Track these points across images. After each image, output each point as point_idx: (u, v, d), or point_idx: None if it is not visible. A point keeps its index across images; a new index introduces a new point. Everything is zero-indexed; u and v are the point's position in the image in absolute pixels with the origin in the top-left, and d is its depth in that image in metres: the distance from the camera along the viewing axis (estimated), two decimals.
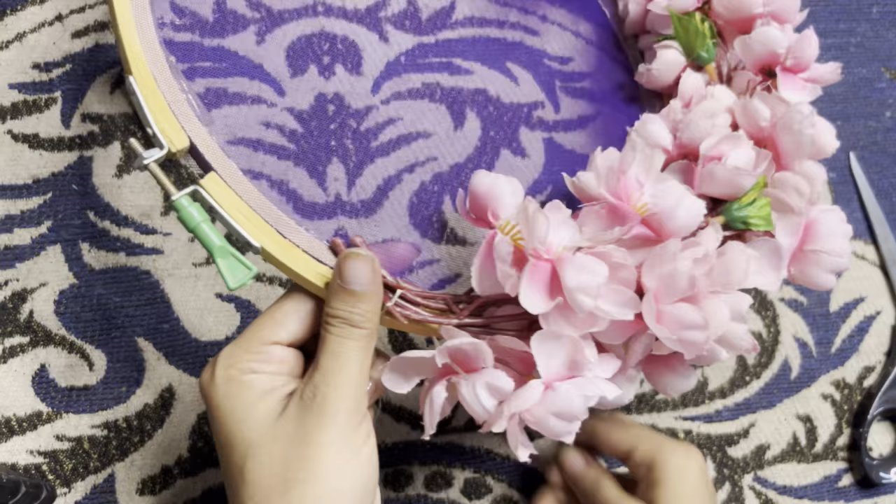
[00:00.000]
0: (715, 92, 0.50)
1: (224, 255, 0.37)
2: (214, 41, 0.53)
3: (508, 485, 0.54)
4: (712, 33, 0.52)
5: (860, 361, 0.60)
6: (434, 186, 0.54)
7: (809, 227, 0.47)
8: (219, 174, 0.36)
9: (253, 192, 0.36)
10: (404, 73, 0.55)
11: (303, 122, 0.53)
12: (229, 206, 0.35)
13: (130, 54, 0.36)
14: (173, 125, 0.36)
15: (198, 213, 0.36)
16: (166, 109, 0.36)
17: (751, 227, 0.46)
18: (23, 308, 0.50)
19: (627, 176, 0.42)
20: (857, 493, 0.59)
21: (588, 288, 0.37)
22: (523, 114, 0.56)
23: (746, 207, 0.46)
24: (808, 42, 0.50)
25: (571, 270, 0.37)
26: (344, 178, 0.54)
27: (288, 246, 0.37)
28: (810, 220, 0.47)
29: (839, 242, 0.46)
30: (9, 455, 0.48)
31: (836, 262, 0.46)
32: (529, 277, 0.38)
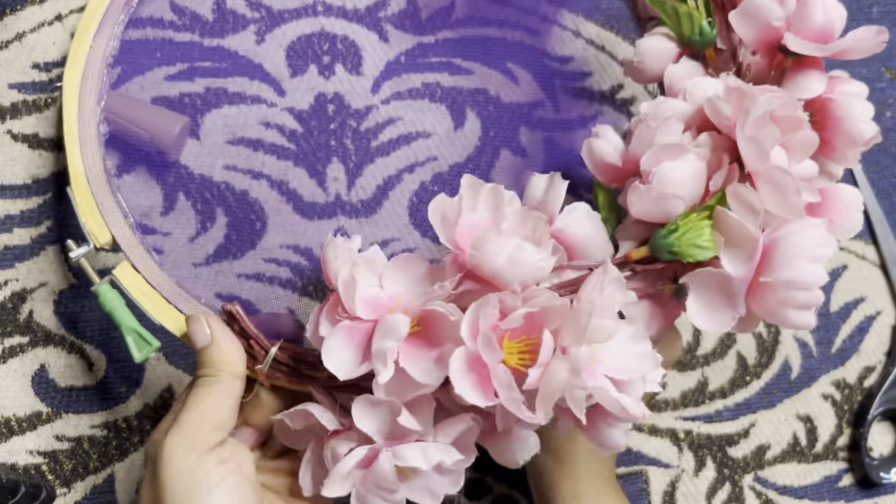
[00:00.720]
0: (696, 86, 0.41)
1: (131, 332, 0.43)
2: (214, 41, 0.53)
3: (508, 485, 0.54)
4: (708, 11, 0.44)
5: (860, 361, 0.60)
6: (434, 186, 0.54)
7: (769, 248, 0.36)
8: (132, 263, 0.44)
9: (158, 275, 0.44)
10: (404, 73, 0.55)
11: (303, 121, 0.53)
12: (137, 290, 0.44)
13: (71, 170, 0.46)
14: (99, 224, 0.45)
15: (114, 297, 0.44)
16: (95, 212, 0.45)
17: (679, 257, 0.37)
18: (22, 308, 0.50)
19: (460, 224, 0.36)
20: (857, 493, 0.59)
21: (382, 353, 0.35)
22: (523, 114, 0.56)
23: (672, 234, 0.37)
24: (811, 9, 0.40)
25: (379, 332, 0.35)
26: (344, 178, 0.53)
27: (181, 319, 0.43)
28: (770, 240, 0.36)
29: (806, 268, 0.35)
30: (8, 455, 0.48)
31: (801, 298, 0.35)
32: (339, 338, 0.36)
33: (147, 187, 0.51)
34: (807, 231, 0.35)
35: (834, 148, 0.41)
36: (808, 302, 0.35)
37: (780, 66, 0.42)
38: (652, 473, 0.56)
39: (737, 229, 0.36)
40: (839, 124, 0.41)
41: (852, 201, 0.41)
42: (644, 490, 0.56)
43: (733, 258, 0.36)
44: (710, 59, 0.44)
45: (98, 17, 0.49)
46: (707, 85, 0.41)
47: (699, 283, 0.37)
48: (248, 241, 0.52)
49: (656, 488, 0.56)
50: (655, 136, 0.39)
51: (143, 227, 0.51)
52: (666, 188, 0.37)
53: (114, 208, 0.46)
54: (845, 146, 0.41)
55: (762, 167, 0.36)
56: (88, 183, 0.46)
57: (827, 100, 0.41)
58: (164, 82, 0.52)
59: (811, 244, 0.35)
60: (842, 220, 0.40)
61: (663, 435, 0.56)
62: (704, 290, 0.37)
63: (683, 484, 0.56)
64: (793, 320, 0.35)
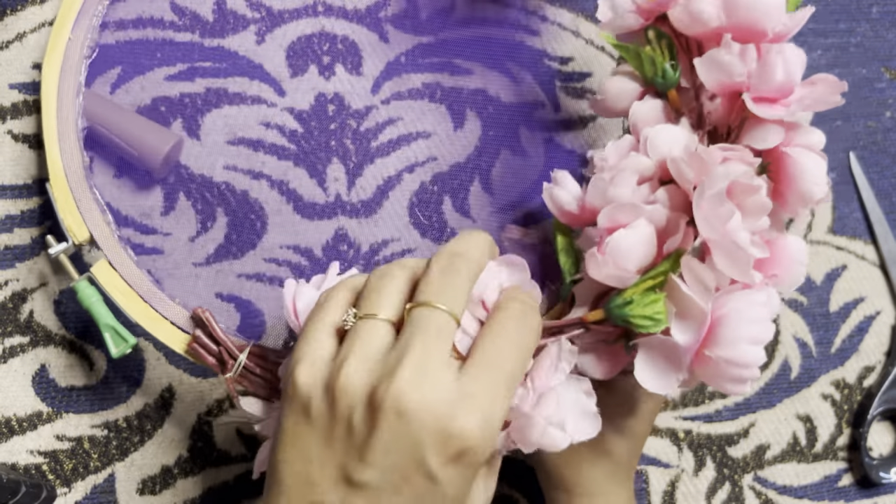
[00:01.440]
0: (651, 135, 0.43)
1: (108, 329, 0.45)
2: (215, 41, 0.53)
3: (508, 485, 0.54)
4: (671, 54, 0.45)
5: (860, 361, 0.60)
6: (434, 186, 0.54)
7: (715, 325, 0.38)
8: (109, 260, 0.45)
9: (135, 274, 0.45)
10: (404, 73, 0.55)
11: (303, 122, 0.53)
12: (114, 287, 0.45)
13: (50, 166, 0.46)
14: (77, 221, 0.45)
15: (92, 293, 0.45)
16: (74, 209, 0.45)
17: (633, 327, 0.39)
18: (23, 308, 0.50)
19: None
20: (856, 492, 0.59)
21: None
22: (523, 114, 0.56)
23: (627, 305, 0.39)
24: (770, 68, 0.41)
25: None
26: (344, 178, 0.54)
27: (157, 318, 0.44)
28: (717, 315, 0.38)
29: (746, 350, 0.37)
30: (9, 455, 0.48)
31: (739, 374, 0.37)
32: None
33: (147, 187, 0.51)
34: (751, 313, 0.38)
35: (786, 201, 0.43)
36: (744, 377, 0.38)
37: (740, 111, 0.43)
38: (651, 473, 0.56)
39: (688, 302, 0.38)
40: (792, 182, 0.42)
41: (798, 255, 0.43)
42: (644, 490, 0.56)
43: (683, 328, 0.38)
44: (673, 100, 0.45)
45: (76, 7, 0.49)
46: (669, 137, 0.43)
47: (648, 347, 0.39)
48: (249, 241, 0.52)
49: (656, 488, 0.56)
50: (608, 190, 0.40)
51: (144, 227, 0.51)
52: (618, 259, 0.39)
53: (92, 205, 0.46)
54: (796, 202, 0.43)
55: (717, 237, 0.38)
56: (67, 179, 0.46)
57: (783, 154, 0.42)
58: (165, 82, 0.52)
59: (753, 329, 0.37)
60: (787, 274, 0.43)
61: (663, 434, 0.56)
62: (652, 354, 0.39)
63: (683, 484, 0.56)
64: (728, 390, 0.38)
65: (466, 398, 0.33)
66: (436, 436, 0.32)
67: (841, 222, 0.61)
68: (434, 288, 0.36)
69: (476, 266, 0.37)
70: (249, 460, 0.51)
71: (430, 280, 0.36)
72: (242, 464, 0.51)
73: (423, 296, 0.35)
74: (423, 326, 0.34)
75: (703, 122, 0.45)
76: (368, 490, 0.33)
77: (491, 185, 0.55)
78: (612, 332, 0.41)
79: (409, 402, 0.32)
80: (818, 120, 0.61)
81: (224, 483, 0.51)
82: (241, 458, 0.51)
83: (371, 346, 0.35)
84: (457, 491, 0.33)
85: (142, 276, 0.45)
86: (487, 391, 0.34)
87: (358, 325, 0.36)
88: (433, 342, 0.34)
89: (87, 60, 0.49)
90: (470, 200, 0.55)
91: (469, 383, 0.34)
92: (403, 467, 0.32)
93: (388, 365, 0.33)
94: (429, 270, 0.36)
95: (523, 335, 0.36)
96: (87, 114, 0.49)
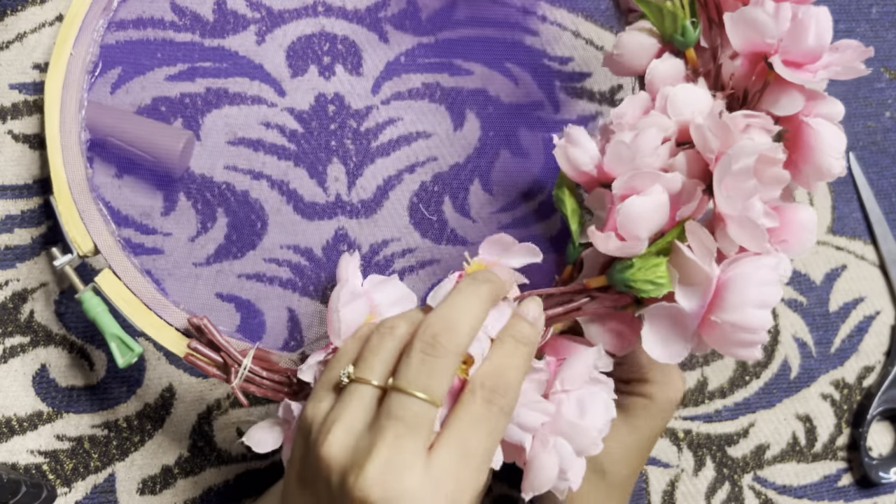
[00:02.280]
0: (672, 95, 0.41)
1: (114, 339, 0.45)
2: (215, 41, 0.53)
3: (509, 485, 0.54)
4: (692, 11, 0.44)
5: (860, 361, 0.60)
6: (434, 187, 0.54)
7: (721, 289, 0.37)
8: (113, 271, 0.45)
9: (139, 282, 0.45)
10: (404, 74, 0.55)
11: (303, 122, 0.53)
12: (118, 297, 0.45)
13: (54, 179, 0.47)
14: (82, 232, 0.46)
15: (98, 304, 0.45)
16: (78, 221, 0.46)
17: (635, 292, 0.38)
18: (23, 308, 0.50)
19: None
20: (856, 492, 0.59)
21: None
22: (523, 114, 0.56)
23: (628, 269, 0.39)
24: (803, 30, 0.40)
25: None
26: (344, 179, 0.54)
27: (162, 326, 0.44)
28: (723, 279, 0.37)
29: (753, 314, 0.37)
30: (9, 455, 0.48)
31: (747, 338, 0.37)
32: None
33: (148, 187, 0.51)
34: (758, 275, 0.37)
35: (800, 172, 0.42)
36: (754, 341, 0.37)
37: (762, 75, 0.42)
38: (651, 473, 0.56)
39: (692, 267, 0.37)
40: (810, 153, 0.41)
41: (807, 223, 0.42)
42: (643, 489, 0.56)
43: (688, 294, 0.38)
44: (691, 59, 0.44)
45: (77, 23, 0.49)
46: (691, 98, 0.41)
47: (654, 315, 0.39)
48: (249, 242, 0.52)
49: (656, 488, 0.56)
50: (628, 150, 0.40)
51: (144, 227, 0.51)
52: (629, 226, 0.38)
53: (96, 216, 0.46)
54: (812, 175, 0.42)
55: (735, 212, 0.38)
56: (71, 192, 0.46)
57: (803, 123, 0.41)
58: (165, 82, 0.52)
59: (760, 291, 0.36)
60: (796, 240, 0.42)
61: (663, 434, 0.56)
62: (659, 322, 0.39)
63: (683, 483, 0.56)
64: (738, 355, 0.37)
65: (431, 489, 0.34)
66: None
67: (841, 222, 0.61)
68: (413, 371, 0.35)
69: (466, 338, 0.36)
70: (249, 460, 0.51)
71: (410, 362, 0.36)
72: (242, 463, 0.51)
73: (402, 380, 0.35)
74: (397, 416, 0.34)
75: (721, 83, 0.43)
76: None
77: (491, 185, 0.55)
78: (618, 300, 0.40)
79: (373, 497, 0.33)
80: None
81: (224, 483, 0.51)
82: (241, 457, 0.51)
83: (356, 417, 0.35)
84: None
85: (146, 285, 0.45)
86: (453, 474, 0.34)
87: (350, 388, 0.37)
88: (404, 435, 0.34)
89: (89, 75, 0.49)
90: (470, 200, 0.55)
91: (435, 468, 0.34)
92: None
93: (360, 451, 0.34)
94: (411, 348, 0.36)
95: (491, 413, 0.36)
96: (96, 126, 0.49)
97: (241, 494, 0.51)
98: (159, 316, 0.45)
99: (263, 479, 0.51)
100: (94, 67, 0.50)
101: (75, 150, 0.47)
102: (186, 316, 0.45)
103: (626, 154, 0.40)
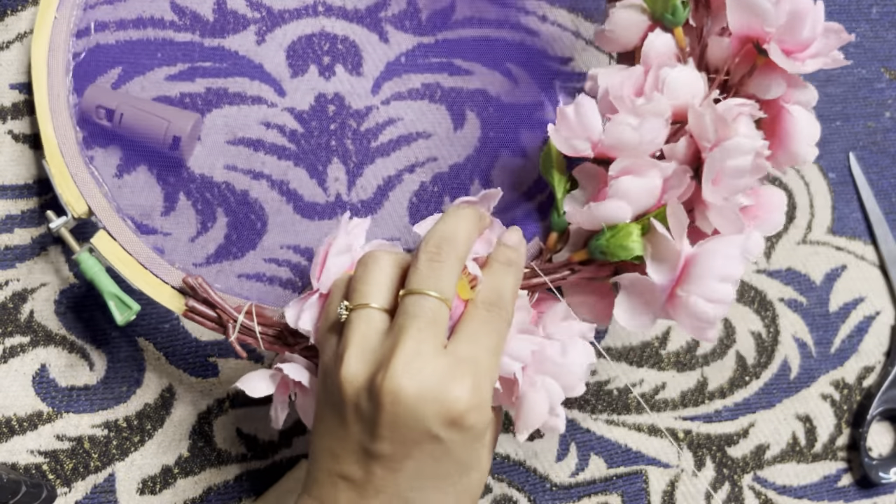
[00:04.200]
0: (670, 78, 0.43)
1: (112, 297, 0.46)
2: (215, 41, 0.53)
3: (508, 484, 0.54)
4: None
5: (859, 361, 0.60)
6: (434, 187, 0.54)
7: (688, 264, 0.40)
8: (108, 231, 0.46)
9: (134, 242, 0.46)
10: (404, 74, 0.55)
11: (303, 122, 0.53)
12: (114, 256, 0.45)
13: (45, 142, 0.47)
14: (75, 195, 0.46)
15: (94, 264, 0.46)
16: (70, 182, 0.46)
17: (608, 257, 0.42)
18: (23, 308, 0.50)
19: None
20: (856, 493, 0.59)
21: None
22: (523, 114, 0.56)
23: (602, 236, 0.42)
24: (800, 21, 0.41)
25: None
26: (344, 179, 0.54)
27: (158, 284, 0.46)
28: (691, 255, 0.40)
29: (714, 288, 0.38)
30: (9, 455, 0.48)
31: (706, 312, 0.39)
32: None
33: (148, 187, 0.51)
34: (723, 250, 0.39)
35: (774, 156, 0.44)
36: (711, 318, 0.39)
37: (749, 58, 0.44)
38: (651, 473, 0.56)
39: (664, 243, 0.40)
40: (787, 140, 0.43)
41: (777, 203, 0.44)
42: (643, 490, 0.56)
43: (658, 268, 0.40)
44: (678, 38, 0.45)
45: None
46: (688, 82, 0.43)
47: (628, 285, 0.41)
48: (249, 242, 0.52)
49: (655, 488, 0.56)
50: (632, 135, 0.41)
51: (144, 227, 0.51)
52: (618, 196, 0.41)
53: (88, 178, 0.47)
54: (785, 161, 0.44)
55: (721, 203, 0.40)
56: (62, 154, 0.47)
57: (783, 109, 0.43)
58: (165, 82, 0.52)
59: (724, 264, 0.39)
60: (767, 218, 0.44)
61: (663, 435, 0.56)
62: (632, 293, 0.41)
63: (683, 484, 0.56)
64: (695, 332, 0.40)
65: (455, 369, 0.37)
66: (434, 408, 0.36)
67: (840, 223, 0.61)
68: (423, 276, 0.38)
69: (463, 247, 0.40)
70: (250, 460, 0.51)
71: (419, 268, 0.39)
72: (242, 463, 0.51)
73: (414, 284, 0.38)
74: (415, 314, 0.37)
75: (706, 64, 0.45)
76: (384, 458, 0.36)
77: (491, 185, 0.55)
78: (598, 271, 0.43)
79: (405, 388, 0.36)
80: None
81: (224, 483, 0.51)
82: (241, 457, 0.51)
83: (366, 335, 0.38)
84: (464, 451, 0.37)
85: (141, 244, 0.46)
86: (471, 360, 0.38)
87: (351, 316, 0.39)
88: (425, 328, 0.37)
89: (73, 38, 0.49)
90: None
91: (456, 353, 0.37)
92: (412, 437, 0.36)
93: (383, 353, 0.37)
94: (417, 259, 0.39)
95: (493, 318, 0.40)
96: (106, 98, 0.49)
97: (241, 494, 0.51)
98: (155, 274, 0.46)
99: (263, 479, 0.51)
100: (78, 30, 0.50)
101: (64, 114, 0.47)
102: (182, 275, 0.46)
103: (630, 138, 0.41)
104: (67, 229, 0.47)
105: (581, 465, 0.55)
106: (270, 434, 0.52)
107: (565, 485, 0.55)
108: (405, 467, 0.36)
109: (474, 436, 0.37)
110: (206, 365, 0.51)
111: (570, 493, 0.55)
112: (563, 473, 0.55)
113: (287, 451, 0.52)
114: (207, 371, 0.51)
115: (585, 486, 0.55)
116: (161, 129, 0.49)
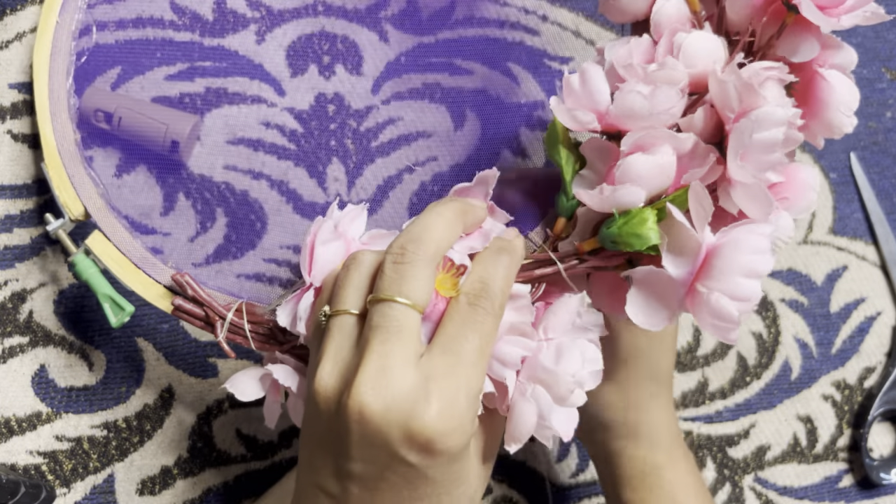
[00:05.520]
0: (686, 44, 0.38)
1: (106, 299, 0.45)
2: (214, 41, 0.53)
3: (508, 485, 0.54)
4: None
5: (861, 362, 0.60)
6: (434, 187, 0.54)
7: (710, 256, 0.35)
8: (102, 231, 0.46)
9: (128, 242, 0.46)
10: (404, 74, 0.55)
11: (303, 122, 0.53)
12: (108, 257, 0.46)
13: (44, 144, 0.47)
14: (72, 197, 0.46)
15: (90, 266, 0.46)
16: (68, 185, 0.47)
17: (621, 247, 0.37)
18: (22, 308, 0.50)
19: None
20: (857, 493, 0.59)
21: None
22: (523, 114, 0.56)
23: (614, 224, 0.37)
24: None
25: None
26: (344, 179, 0.54)
27: (150, 283, 0.46)
28: (714, 246, 0.35)
29: (740, 284, 0.34)
30: (8, 455, 0.48)
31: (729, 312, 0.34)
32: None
33: (147, 187, 0.51)
34: (750, 242, 0.34)
35: (808, 127, 0.39)
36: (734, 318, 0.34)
37: (777, 16, 0.39)
38: None
39: (683, 232, 0.35)
40: (822, 109, 0.39)
41: (810, 181, 0.39)
42: None
43: (676, 260, 0.36)
44: (691, 2, 0.41)
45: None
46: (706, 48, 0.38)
47: (642, 279, 0.37)
48: (248, 242, 0.52)
49: None
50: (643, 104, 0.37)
51: (143, 227, 0.51)
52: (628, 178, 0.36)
53: (85, 180, 0.47)
54: (820, 132, 0.39)
55: (749, 181, 0.36)
56: (60, 157, 0.47)
57: (816, 74, 0.38)
58: (164, 82, 0.52)
59: (750, 259, 0.34)
60: (798, 198, 0.39)
61: None
62: (646, 287, 0.37)
63: None
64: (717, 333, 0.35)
65: (423, 387, 0.33)
66: (400, 433, 0.33)
67: (842, 223, 0.61)
68: (388, 281, 0.35)
69: (433, 246, 0.36)
70: (249, 460, 0.51)
71: (384, 273, 0.36)
72: (242, 464, 0.51)
73: (379, 290, 0.35)
74: (378, 324, 0.34)
75: (725, 28, 0.41)
76: (357, 478, 0.34)
77: None
78: (609, 261, 0.39)
79: (368, 405, 0.33)
80: None
81: (224, 483, 0.51)
82: (241, 458, 0.51)
83: (341, 346, 0.36)
84: (441, 473, 0.34)
85: (134, 244, 0.46)
86: (446, 374, 0.34)
87: (329, 323, 0.37)
88: (390, 340, 0.34)
89: (75, 40, 0.49)
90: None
91: (428, 370, 0.34)
92: (382, 459, 0.34)
93: (349, 368, 0.34)
94: (383, 263, 0.36)
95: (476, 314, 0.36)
96: (105, 101, 0.49)
97: (241, 495, 0.51)
98: (147, 274, 0.46)
99: (263, 480, 0.51)
100: (80, 33, 0.50)
101: (64, 115, 0.48)
102: (170, 272, 0.46)
103: (641, 107, 0.37)
104: (65, 231, 0.47)
105: (581, 466, 0.55)
106: (270, 435, 0.52)
107: (565, 486, 0.55)
108: (380, 487, 0.34)
109: (449, 459, 0.34)
110: (205, 365, 0.51)
111: (570, 493, 0.55)
112: (563, 474, 0.55)
113: (287, 451, 0.52)
114: (207, 371, 0.51)
115: (585, 486, 0.55)
116: (159, 133, 0.49)
